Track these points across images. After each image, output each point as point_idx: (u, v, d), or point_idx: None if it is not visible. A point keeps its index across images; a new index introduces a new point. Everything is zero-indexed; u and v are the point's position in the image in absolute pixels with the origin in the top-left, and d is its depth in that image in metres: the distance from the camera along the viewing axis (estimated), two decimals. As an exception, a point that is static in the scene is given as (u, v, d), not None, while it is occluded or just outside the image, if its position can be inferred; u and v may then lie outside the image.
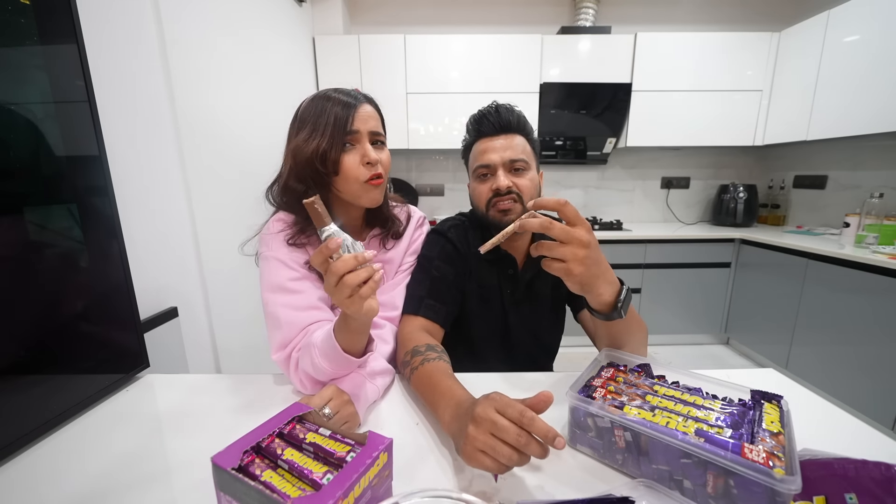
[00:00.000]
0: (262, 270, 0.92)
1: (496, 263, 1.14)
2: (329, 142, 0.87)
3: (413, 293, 1.04)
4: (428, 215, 3.68)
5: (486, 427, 0.56)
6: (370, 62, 3.10)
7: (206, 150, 1.62)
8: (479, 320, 1.14)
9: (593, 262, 0.71)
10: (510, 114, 1.04)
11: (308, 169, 0.89)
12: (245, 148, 1.89)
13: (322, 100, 0.90)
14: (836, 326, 2.40)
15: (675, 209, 3.84)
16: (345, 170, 0.89)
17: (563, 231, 0.69)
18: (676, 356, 3.22)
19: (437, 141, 3.23)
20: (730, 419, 0.60)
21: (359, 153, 0.90)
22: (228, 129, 1.79)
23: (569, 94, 3.21)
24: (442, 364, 0.83)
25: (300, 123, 0.91)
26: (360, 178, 0.90)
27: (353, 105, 0.90)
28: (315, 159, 0.87)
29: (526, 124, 1.06)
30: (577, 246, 0.69)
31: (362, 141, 0.91)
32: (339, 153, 0.88)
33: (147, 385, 0.95)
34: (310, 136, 0.88)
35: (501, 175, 1.02)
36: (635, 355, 0.82)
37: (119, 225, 0.95)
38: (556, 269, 0.71)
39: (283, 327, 0.85)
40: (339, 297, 0.64)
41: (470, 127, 1.10)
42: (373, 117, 0.93)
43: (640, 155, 3.75)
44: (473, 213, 1.17)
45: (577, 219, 0.71)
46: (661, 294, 3.24)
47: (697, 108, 3.20)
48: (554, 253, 0.70)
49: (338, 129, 0.88)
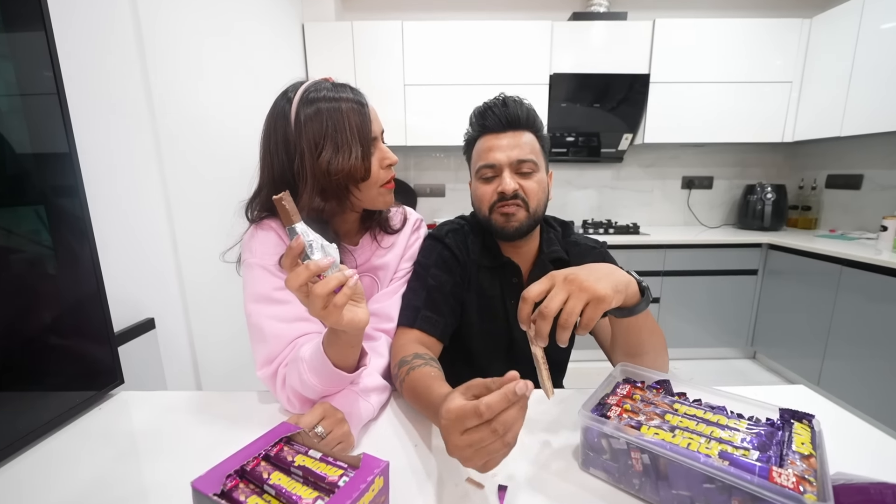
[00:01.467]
0: (246, 279, 0.91)
1: (498, 272, 1.14)
2: (363, 151, 0.89)
3: (409, 303, 1.04)
4: (428, 218, 3.76)
5: (455, 427, 0.55)
6: (364, 51, 3.12)
7: (186, 148, 1.63)
8: (480, 334, 1.13)
9: (583, 279, 0.70)
10: (519, 107, 1.03)
11: (343, 185, 0.90)
12: (229, 145, 1.90)
13: (334, 112, 0.87)
14: (872, 339, 2.40)
15: (698, 211, 3.85)
16: (372, 176, 0.92)
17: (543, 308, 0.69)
18: (698, 372, 3.22)
19: (438, 137, 3.24)
20: (756, 440, 0.60)
21: (377, 156, 0.93)
22: (211, 125, 1.80)
23: (581, 86, 3.22)
24: (427, 369, 0.83)
25: (314, 139, 0.87)
26: (380, 181, 0.94)
27: (365, 105, 0.92)
28: (357, 172, 0.89)
29: (536, 119, 1.06)
30: (558, 294, 0.70)
31: (378, 143, 0.94)
32: (370, 160, 0.91)
33: (121, 403, 0.95)
34: (338, 152, 0.87)
35: (507, 177, 1.01)
36: (653, 370, 0.82)
37: (91, 228, 0.95)
38: (584, 324, 0.70)
39: (268, 341, 0.85)
40: (313, 309, 0.64)
41: (473, 120, 1.09)
42: (377, 115, 0.96)
43: (658, 152, 3.75)
44: (475, 217, 1.17)
45: (537, 292, 0.71)
46: (681, 304, 3.23)
47: (721, 102, 3.21)
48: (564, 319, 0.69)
49: (364, 138, 0.89)
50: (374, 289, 1.06)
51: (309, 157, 0.87)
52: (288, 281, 0.62)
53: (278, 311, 0.87)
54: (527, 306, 0.71)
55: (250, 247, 0.93)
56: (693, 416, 0.67)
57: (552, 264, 1.13)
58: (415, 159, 3.74)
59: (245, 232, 0.97)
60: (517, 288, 1.12)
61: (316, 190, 0.88)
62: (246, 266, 0.92)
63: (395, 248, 1.10)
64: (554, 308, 0.68)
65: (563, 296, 0.69)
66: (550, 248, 1.15)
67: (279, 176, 0.90)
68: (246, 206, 0.98)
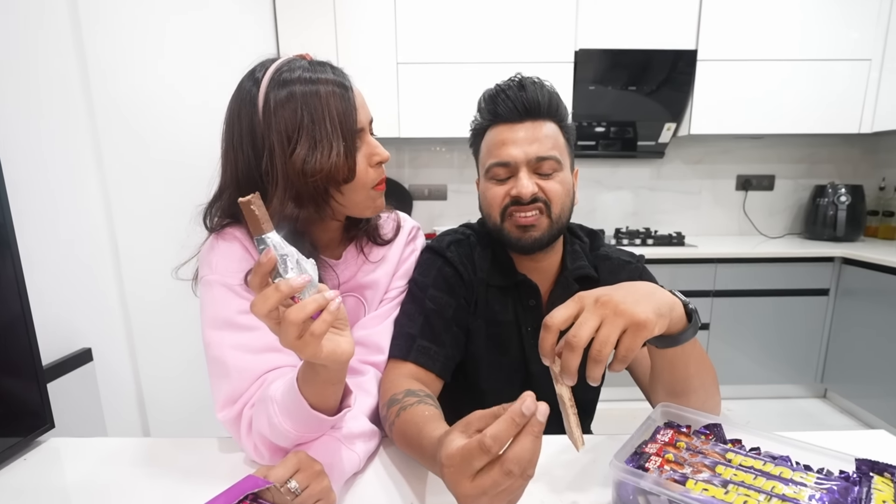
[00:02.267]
0: (204, 301, 0.90)
1: (512, 292, 1.13)
2: (346, 148, 0.88)
3: (402, 331, 1.03)
4: (426, 227, 3.73)
5: (462, 473, 0.54)
6: (348, 21, 3.11)
7: (131, 146, 1.63)
8: (490, 368, 1.13)
9: (619, 301, 0.68)
10: (539, 91, 1.02)
11: (322, 188, 0.88)
12: (183, 142, 1.90)
13: (311, 98, 0.86)
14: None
15: (755, 218, 3.84)
16: (358, 175, 0.91)
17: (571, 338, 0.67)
18: (757, 414, 3.20)
19: (438, 127, 3.24)
20: (828, 497, 0.60)
21: (364, 152, 0.92)
22: (162, 119, 1.80)
23: (613, 65, 3.22)
24: (421, 408, 0.82)
25: (287, 132, 0.85)
26: (368, 183, 0.93)
27: (349, 88, 0.90)
28: (337, 173, 0.87)
29: (560, 106, 1.05)
30: (589, 320, 0.67)
31: (366, 136, 0.93)
32: (355, 156, 0.90)
33: (51, 452, 0.94)
34: (315, 148, 0.85)
35: (524, 177, 1.00)
36: (702, 413, 0.82)
37: (14, 242, 0.95)
38: (621, 356, 0.68)
39: (231, 376, 0.84)
40: (286, 339, 0.61)
41: (483, 106, 1.08)
42: (364, 101, 0.95)
43: (707, 146, 3.75)
44: (483, 225, 1.17)
45: (563, 318, 0.70)
46: (736, 331, 3.21)
47: (785, 84, 3.20)
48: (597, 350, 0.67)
49: (347, 130, 0.88)
50: (359, 312, 1.05)
51: (280, 154, 0.85)
52: (255, 305, 0.59)
53: (244, 340, 0.86)
54: (550, 336, 0.69)
55: (209, 261, 0.92)
56: (750, 469, 0.67)
57: (577, 283, 1.12)
58: (410, 154, 3.73)
59: (203, 243, 0.97)
60: (535, 312, 1.12)
61: (289, 194, 0.86)
62: (204, 284, 0.91)
63: (387, 262, 1.09)
64: (584, 337, 0.66)
65: (594, 322, 0.67)
66: (575, 263, 1.15)
67: (244, 175, 0.89)
68: (204, 212, 0.97)
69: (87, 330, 1.43)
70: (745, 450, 0.73)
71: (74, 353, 1.35)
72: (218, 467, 0.86)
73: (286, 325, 0.59)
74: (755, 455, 0.71)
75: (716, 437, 0.77)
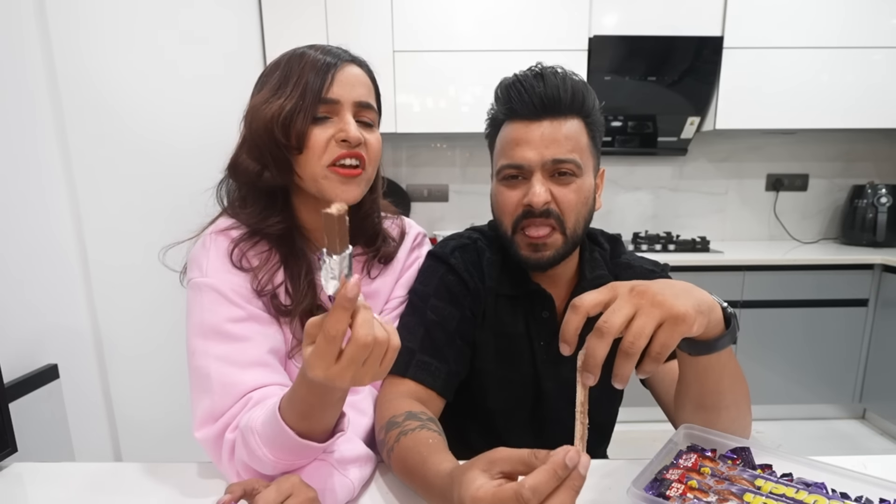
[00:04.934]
0: (192, 305, 0.91)
1: (523, 303, 1.13)
2: (295, 104, 0.90)
3: (400, 345, 1.03)
4: (425, 231, 3.62)
5: None
6: (340, 5, 3.10)
7: (101, 137, 1.62)
8: (498, 386, 1.12)
9: (656, 291, 0.68)
10: (561, 84, 0.99)
11: (266, 139, 0.91)
12: (159, 134, 1.89)
13: (295, 59, 0.94)
14: None
15: (787, 221, 3.84)
16: (311, 145, 0.91)
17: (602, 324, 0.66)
18: (789, 436, 3.20)
19: (438, 121, 3.25)
20: (867, 529, 0.60)
21: (333, 127, 0.93)
22: (134, 108, 1.79)
23: (631, 53, 3.22)
24: (424, 434, 0.82)
25: (262, 80, 0.97)
26: (325, 159, 0.92)
27: (334, 64, 0.93)
28: (275, 126, 0.89)
29: (585, 99, 1.02)
30: (623, 308, 0.66)
31: (343, 113, 0.94)
32: (307, 123, 0.91)
33: (14, 478, 0.94)
34: (273, 95, 0.92)
35: (538, 183, 0.99)
36: (729, 435, 0.81)
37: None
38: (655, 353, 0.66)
39: (213, 391, 0.84)
40: (365, 375, 0.64)
41: (499, 96, 1.06)
42: (361, 83, 0.97)
43: (735, 142, 3.75)
44: (493, 227, 1.17)
45: (594, 302, 0.68)
46: (765, 346, 3.20)
47: (820, 74, 3.21)
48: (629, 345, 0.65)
49: (310, 92, 0.91)
50: None
51: (249, 101, 0.96)
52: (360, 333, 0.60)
53: (231, 351, 0.86)
54: (577, 318, 0.68)
55: (200, 262, 0.93)
56: (781, 497, 0.67)
57: None
58: (408, 151, 3.74)
59: (197, 236, 0.99)
60: (549, 324, 1.12)
61: (246, 143, 0.95)
62: (193, 288, 0.92)
63: (388, 269, 1.10)
64: (616, 325, 0.64)
65: (629, 310, 0.65)
66: (594, 272, 1.14)
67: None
68: (217, 186, 1.03)
69: (53, 344, 1.42)
70: (776, 476, 0.73)
71: (39, 370, 1.35)
72: (197, 495, 0.85)
73: (372, 361, 0.64)
74: (787, 482, 0.71)
75: (744, 461, 0.77)
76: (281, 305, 0.94)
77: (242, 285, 0.92)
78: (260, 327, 0.91)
